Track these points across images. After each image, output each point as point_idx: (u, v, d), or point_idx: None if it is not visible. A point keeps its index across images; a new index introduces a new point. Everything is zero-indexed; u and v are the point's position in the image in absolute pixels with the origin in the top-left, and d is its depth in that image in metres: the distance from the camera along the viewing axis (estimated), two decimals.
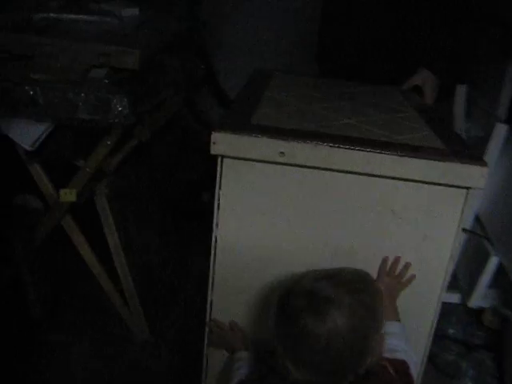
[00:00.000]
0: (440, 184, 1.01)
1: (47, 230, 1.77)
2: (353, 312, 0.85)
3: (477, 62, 1.99)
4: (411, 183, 1.02)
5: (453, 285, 1.98)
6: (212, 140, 1.02)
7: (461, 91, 2.09)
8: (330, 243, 1.08)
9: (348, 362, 0.86)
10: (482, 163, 1.00)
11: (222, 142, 1.02)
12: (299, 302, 0.86)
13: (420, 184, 1.02)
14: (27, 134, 1.55)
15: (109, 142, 1.64)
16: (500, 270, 1.76)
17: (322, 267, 1.07)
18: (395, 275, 1.10)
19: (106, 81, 1.47)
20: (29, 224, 1.80)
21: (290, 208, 1.07)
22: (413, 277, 1.10)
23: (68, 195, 1.68)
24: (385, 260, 1.09)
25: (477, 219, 1.93)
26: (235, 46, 2.78)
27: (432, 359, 1.75)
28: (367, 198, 1.04)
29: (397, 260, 1.09)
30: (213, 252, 1.13)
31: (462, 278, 1.95)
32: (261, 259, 1.11)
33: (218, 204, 1.08)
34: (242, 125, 1.06)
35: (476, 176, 1.00)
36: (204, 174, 2.40)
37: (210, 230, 1.11)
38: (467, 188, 1.02)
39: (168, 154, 2.25)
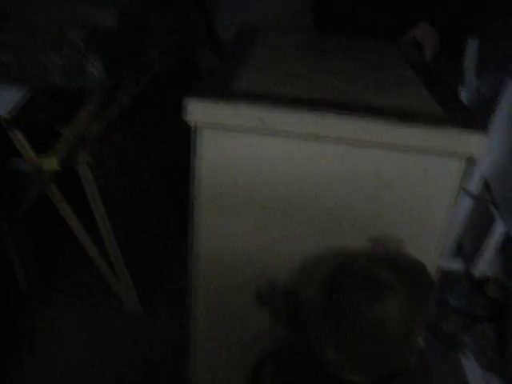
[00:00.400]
0: (436, 153, 0.93)
1: (31, 199, 1.72)
2: (409, 304, 0.81)
3: (488, 14, 1.87)
4: (405, 152, 0.94)
5: (458, 252, 1.93)
6: (185, 108, 0.95)
7: (472, 46, 1.97)
8: (317, 216, 1.02)
9: (389, 353, 0.83)
10: (482, 130, 0.92)
11: (196, 110, 0.95)
12: (355, 284, 0.82)
13: (414, 153, 0.94)
14: (1, 99, 1.48)
15: (90, 108, 1.56)
16: (506, 238, 1.69)
17: (310, 241, 1.03)
18: None
19: (81, 43, 1.39)
20: (18, 188, 1.75)
21: (272, 179, 1.00)
22: None
23: (50, 162, 1.62)
24: (375, 245, 1.03)
25: (485, 183, 1.84)
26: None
27: (433, 329, 1.71)
28: (356, 167, 0.97)
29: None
30: (191, 224, 1.08)
31: (466, 245, 1.88)
32: (242, 232, 1.06)
33: (194, 175, 1.02)
34: (219, 91, 0.98)
35: (475, 144, 0.92)
36: None
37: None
38: (465, 157, 0.94)
39: (164, 117, 2.16)
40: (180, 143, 2.25)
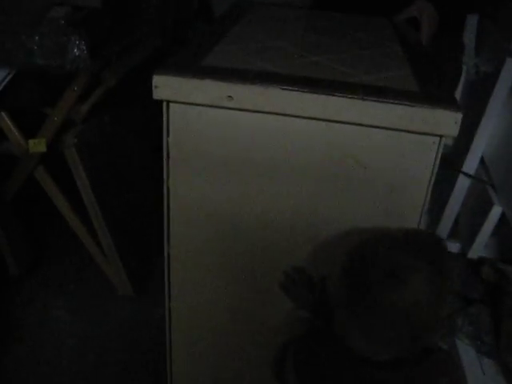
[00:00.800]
0: (409, 131, 0.92)
1: (19, 182, 1.74)
2: (431, 286, 0.80)
3: None
4: (377, 130, 0.93)
5: (454, 233, 1.92)
6: (153, 84, 0.95)
7: (471, 22, 1.94)
8: (287, 196, 1.02)
9: (415, 336, 0.83)
10: (456, 108, 0.90)
11: (164, 86, 0.95)
12: (374, 272, 0.81)
13: (387, 131, 0.93)
14: None
15: (75, 89, 1.57)
16: (503, 219, 1.68)
17: (281, 223, 1.03)
18: None
19: (63, 21, 1.39)
20: (5, 171, 1.77)
21: (242, 157, 1.00)
22: None
23: (37, 145, 1.64)
24: None
25: (482, 164, 1.83)
26: None
27: None
28: (327, 146, 0.96)
29: None
30: (165, 204, 1.08)
31: (463, 227, 1.87)
32: (215, 209, 1.06)
33: (168, 153, 1.02)
34: (188, 66, 0.98)
35: (448, 122, 0.90)
36: None
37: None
38: (440, 136, 0.93)
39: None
40: None
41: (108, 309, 1.85)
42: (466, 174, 1.80)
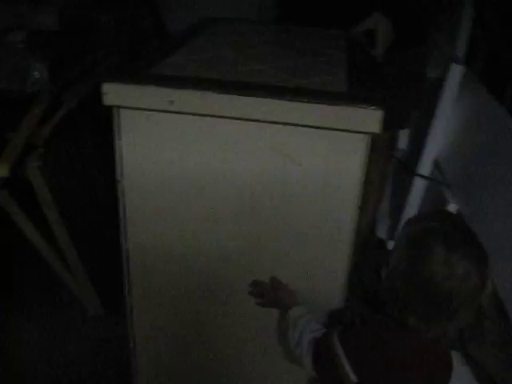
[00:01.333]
0: (336, 129, 1.02)
1: None
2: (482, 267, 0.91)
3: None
4: (307, 129, 1.03)
5: None
6: (103, 90, 1.06)
7: None
8: (228, 192, 1.13)
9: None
10: (377, 107, 1.00)
11: (112, 92, 1.06)
12: (439, 272, 0.89)
13: (316, 130, 1.03)
14: None
15: (36, 112, 1.66)
16: None
17: (224, 218, 1.15)
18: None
19: (22, 45, 1.49)
20: None
21: (185, 158, 1.11)
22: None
23: None
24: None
25: (436, 165, 1.95)
26: None
27: None
28: (262, 145, 1.07)
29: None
30: (121, 205, 1.20)
31: None
32: (168, 205, 1.17)
33: (121, 155, 1.13)
34: (134, 74, 1.10)
35: (370, 120, 1.00)
36: None
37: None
38: (365, 133, 1.03)
39: None
40: None
41: (79, 330, 1.90)
42: (421, 176, 1.93)
